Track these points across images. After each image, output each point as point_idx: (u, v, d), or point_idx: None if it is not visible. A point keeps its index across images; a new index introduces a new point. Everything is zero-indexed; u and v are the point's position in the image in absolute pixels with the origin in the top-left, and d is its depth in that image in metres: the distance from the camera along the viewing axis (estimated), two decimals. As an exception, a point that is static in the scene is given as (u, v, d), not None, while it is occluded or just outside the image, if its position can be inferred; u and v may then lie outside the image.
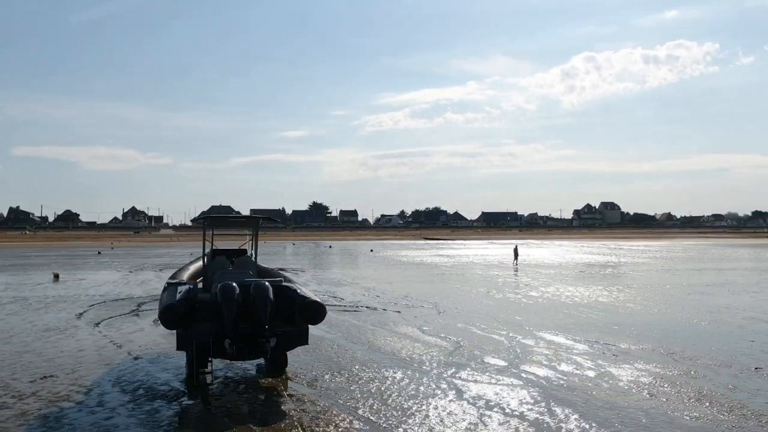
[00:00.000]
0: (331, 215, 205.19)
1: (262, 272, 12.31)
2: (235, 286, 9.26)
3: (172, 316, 8.91)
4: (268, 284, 9.53)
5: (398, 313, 17.79)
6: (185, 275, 12.21)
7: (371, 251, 60.54)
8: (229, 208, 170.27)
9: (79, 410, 8.62)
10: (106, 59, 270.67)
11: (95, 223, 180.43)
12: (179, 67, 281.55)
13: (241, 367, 11.01)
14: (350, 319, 16.69)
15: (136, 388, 9.77)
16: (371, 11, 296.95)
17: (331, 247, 72.54)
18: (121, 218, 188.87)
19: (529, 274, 32.29)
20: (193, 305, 9.19)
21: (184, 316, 8.99)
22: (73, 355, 12.22)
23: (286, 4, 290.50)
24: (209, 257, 12.39)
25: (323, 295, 21.26)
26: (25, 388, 9.74)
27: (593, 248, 66.23)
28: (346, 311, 18.08)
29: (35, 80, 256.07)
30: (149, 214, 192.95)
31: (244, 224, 15.34)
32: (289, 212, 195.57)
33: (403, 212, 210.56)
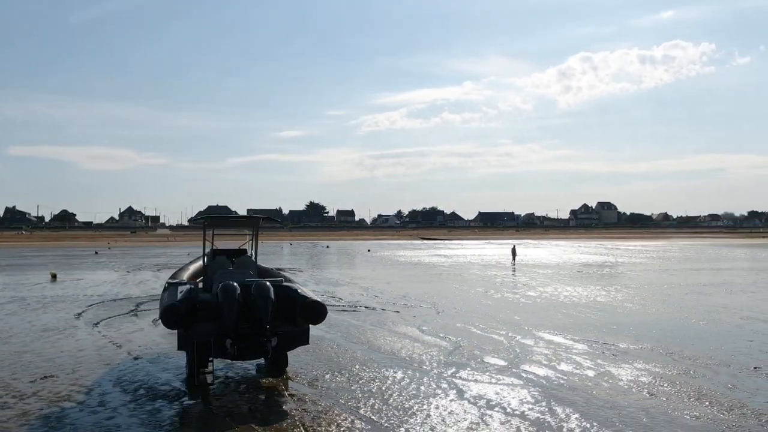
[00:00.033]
0: (328, 215, 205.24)
1: (262, 272, 12.31)
2: (236, 286, 9.27)
3: (173, 315, 8.92)
4: (269, 284, 9.54)
5: (397, 313, 17.81)
6: (185, 275, 12.21)
7: (368, 251, 60.54)
8: (226, 208, 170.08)
9: (80, 410, 8.62)
10: (104, 59, 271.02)
11: (92, 223, 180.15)
12: (178, 67, 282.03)
13: (241, 367, 11.01)
14: (349, 318, 16.70)
15: (136, 388, 9.77)
16: (371, 11, 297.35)
17: (328, 247, 72.50)
18: (117, 218, 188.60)
19: (526, 274, 32.35)
20: (194, 305, 9.21)
21: (185, 315, 9.00)
22: (72, 355, 12.21)
23: (285, 4, 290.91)
24: (209, 257, 12.38)
25: (322, 295, 21.23)
26: (25, 388, 9.73)
27: (590, 248, 66.36)
28: (345, 311, 18.09)
29: (32, 80, 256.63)
30: (146, 214, 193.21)
31: (244, 224, 15.31)
32: (286, 212, 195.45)
33: (400, 212, 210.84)
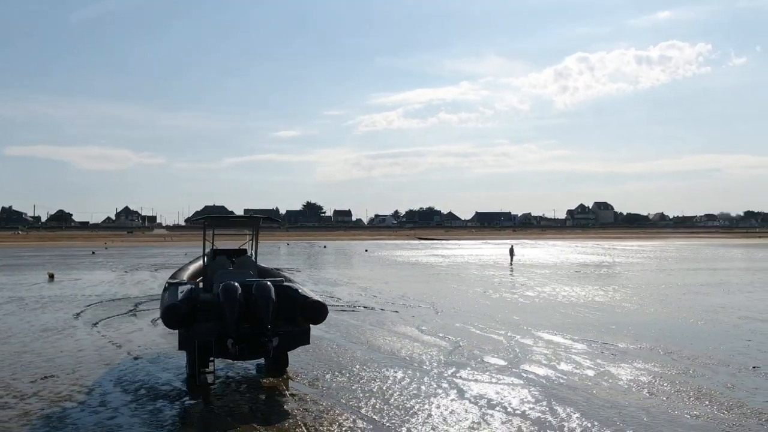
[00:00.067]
0: (324, 215, 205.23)
1: (262, 272, 12.33)
2: (237, 286, 9.29)
3: (174, 315, 8.93)
4: (270, 284, 9.56)
5: (396, 312, 17.83)
6: (185, 275, 12.22)
7: (366, 251, 60.55)
8: (222, 208, 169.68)
9: (81, 410, 8.62)
10: (103, 59, 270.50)
11: (88, 223, 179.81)
12: (178, 66, 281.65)
13: (241, 366, 11.02)
14: (348, 318, 16.72)
15: (137, 388, 9.77)
16: (371, 11, 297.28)
17: (325, 247, 72.46)
18: (114, 218, 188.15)
19: (524, 273, 32.41)
20: (195, 305, 9.22)
21: (186, 315, 9.01)
22: (72, 355, 12.19)
23: (285, 4, 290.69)
24: (209, 257, 12.38)
25: (320, 295, 21.21)
26: (26, 388, 9.71)
27: (587, 248, 66.49)
28: (344, 311, 18.10)
29: (32, 80, 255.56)
30: (142, 214, 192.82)
31: (244, 224, 15.30)
32: (282, 212, 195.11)
33: (396, 212, 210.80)
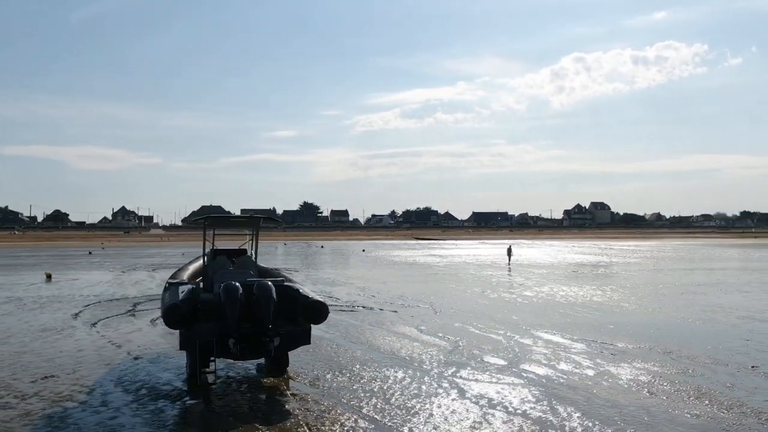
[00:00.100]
0: (322, 215, 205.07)
1: (262, 272, 12.33)
2: (238, 285, 9.29)
3: (175, 315, 8.92)
4: (271, 284, 9.57)
5: (395, 312, 17.85)
6: (185, 275, 12.22)
7: (363, 251, 60.54)
8: (219, 208, 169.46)
9: (83, 410, 8.62)
10: (103, 59, 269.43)
11: (84, 223, 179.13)
12: (177, 66, 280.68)
13: (242, 366, 11.03)
14: (348, 318, 16.73)
15: (138, 387, 9.77)
16: (371, 11, 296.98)
17: (323, 247, 72.46)
18: (110, 218, 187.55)
19: (522, 273, 32.46)
20: (195, 305, 9.23)
21: (187, 315, 9.01)
22: (72, 355, 12.18)
23: (285, 4, 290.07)
24: (210, 257, 12.38)
25: (319, 295, 21.23)
26: (26, 388, 9.71)
27: (584, 248, 66.61)
28: (342, 311, 18.11)
29: (31, 80, 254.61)
30: (139, 214, 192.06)
31: (244, 224, 15.30)
32: (279, 212, 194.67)
33: (393, 212, 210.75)
